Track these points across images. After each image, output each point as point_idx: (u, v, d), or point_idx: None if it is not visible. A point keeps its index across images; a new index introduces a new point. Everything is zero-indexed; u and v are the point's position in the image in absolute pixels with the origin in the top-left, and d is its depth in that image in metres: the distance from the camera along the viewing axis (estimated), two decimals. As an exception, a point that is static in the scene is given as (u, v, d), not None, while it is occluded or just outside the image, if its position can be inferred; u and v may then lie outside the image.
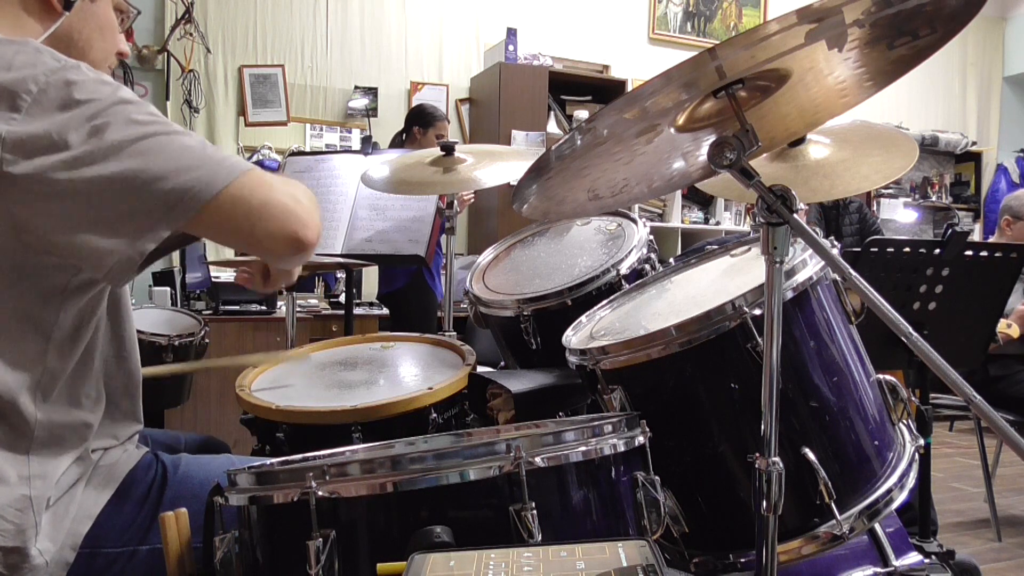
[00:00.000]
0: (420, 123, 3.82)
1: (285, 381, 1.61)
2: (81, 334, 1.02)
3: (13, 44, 0.93)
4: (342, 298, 3.76)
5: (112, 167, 0.89)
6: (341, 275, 3.82)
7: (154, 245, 0.93)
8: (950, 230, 2.21)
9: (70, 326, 1.00)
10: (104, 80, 0.94)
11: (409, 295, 3.64)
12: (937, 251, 2.08)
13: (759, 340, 1.09)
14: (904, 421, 1.27)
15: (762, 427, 1.00)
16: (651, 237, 1.72)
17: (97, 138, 0.89)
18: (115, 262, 0.92)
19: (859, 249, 2.08)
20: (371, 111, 4.95)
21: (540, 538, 0.85)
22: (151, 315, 2.69)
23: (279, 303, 4.00)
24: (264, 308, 3.94)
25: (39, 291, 0.96)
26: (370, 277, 4.37)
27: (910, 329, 0.90)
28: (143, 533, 1.06)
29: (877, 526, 1.39)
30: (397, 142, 4.01)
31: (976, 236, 6.59)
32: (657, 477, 1.01)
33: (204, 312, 3.72)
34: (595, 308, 1.50)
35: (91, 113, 0.90)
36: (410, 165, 2.05)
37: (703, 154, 1.05)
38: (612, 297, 1.53)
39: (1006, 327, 2.82)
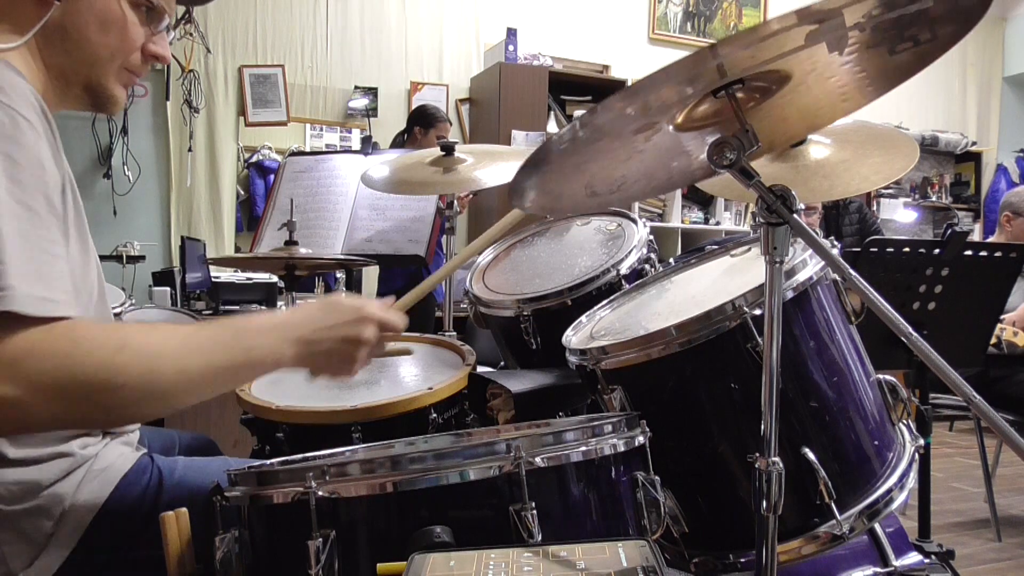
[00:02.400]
0: (422, 123, 3.82)
1: (286, 381, 1.60)
2: None
3: None
4: (342, 298, 3.75)
5: None
6: (341, 275, 3.82)
7: None
8: (950, 230, 2.21)
9: None
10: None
11: (409, 295, 3.63)
12: (937, 251, 2.08)
13: (759, 340, 1.09)
14: (904, 421, 1.28)
15: (762, 427, 1.01)
16: (651, 237, 1.72)
17: None
18: None
19: (859, 249, 2.08)
20: (371, 111, 4.95)
21: (540, 538, 0.85)
22: (151, 315, 2.69)
23: (279, 303, 4.00)
24: (264, 308, 3.94)
25: None
26: (370, 277, 4.37)
27: (910, 329, 0.90)
28: (137, 538, 1.05)
29: (877, 526, 1.39)
30: (398, 142, 4.01)
31: (976, 236, 6.59)
32: (657, 477, 1.01)
33: (204, 312, 3.72)
34: (595, 308, 1.50)
35: None
36: (410, 165, 2.05)
37: (703, 154, 1.05)
38: (612, 297, 1.53)
39: (1012, 335, 2.81)
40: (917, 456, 1.26)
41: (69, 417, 0.84)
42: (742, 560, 1.18)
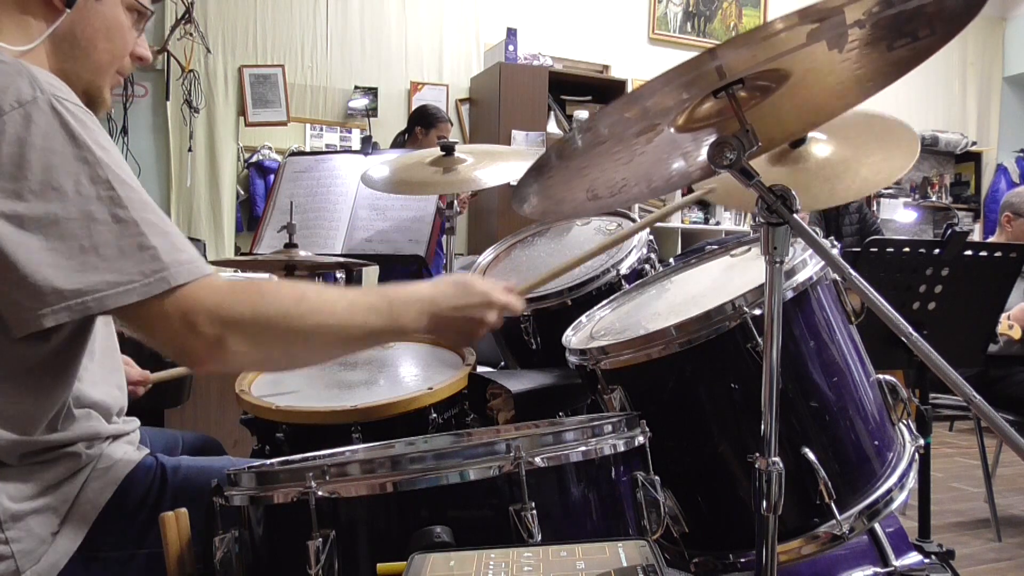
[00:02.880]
0: (423, 123, 3.82)
1: (286, 381, 1.61)
2: (62, 354, 0.99)
3: (3, 62, 0.90)
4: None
5: (35, 236, 0.85)
6: (341, 275, 3.82)
7: (52, 324, 0.87)
8: (950, 230, 2.21)
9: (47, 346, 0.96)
10: (65, 123, 0.89)
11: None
12: (937, 251, 2.08)
13: (759, 340, 1.09)
14: (904, 421, 1.28)
15: (762, 427, 1.01)
16: (651, 237, 1.72)
17: (33, 196, 0.85)
18: (13, 318, 0.87)
19: (859, 249, 2.08)
20: (371, 111, 4.95)
21: (540, 538, 0.85)
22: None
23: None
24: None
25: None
26: (370, 277, 4.36)
27: (910, 329, 0.90)
28: (142, 536, 1.05)
29: (877, 526, 1.39)
30: (399, 142, 4.01)
31: (976, 236, 6.59)
32: (657, 477, 1.01)
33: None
34: (595, 308, 1.50)
35: (42, 165, 0.86)
36: (410, 165, 2.05)
37: (703, 154, 1.05)
38: (612, 297, 1.53)
39: (1007, 327, 2.81)
40: (917, 456, 1.26)
41: (258, 356, 0.97)
42: (742, 560, 1.18)
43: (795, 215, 0.97)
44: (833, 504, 1.11)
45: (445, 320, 1.10)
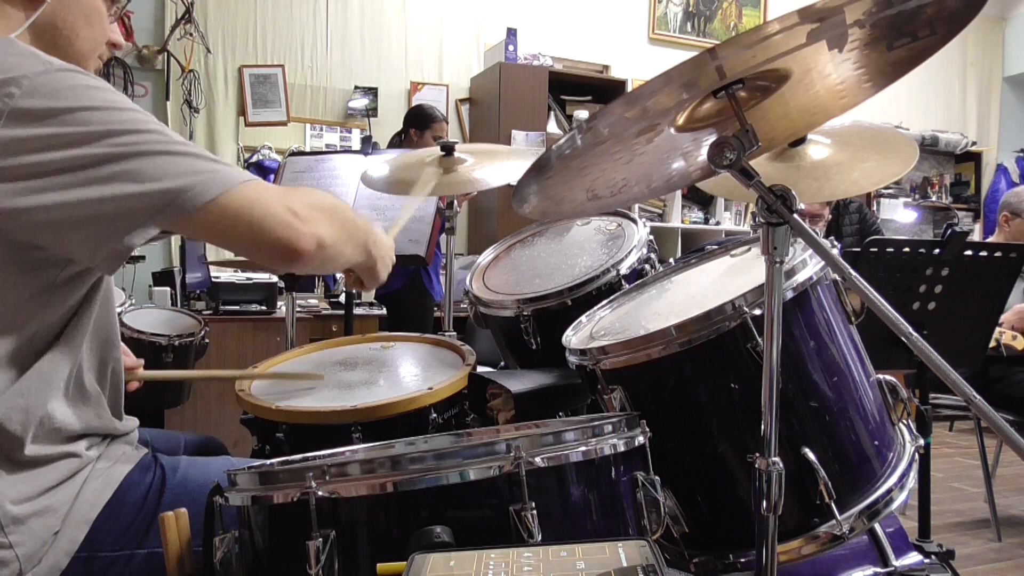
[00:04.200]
0: (417, 125, 3.80)
1: (286, 381, 1.60)
2: (66, 332, 1.01)
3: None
4: (342, 298, 3.76)
5: (104, 172, 0.89)
6: (341, 275, 3.81)
7: (142, 242, 0.93)
8: (950, 230, 2.21)
9: (55, 324, 0.99)
10: (95, 85, 0.92)
11: (406, 296, 3.63)
12: (937, 251, 2.08)
13: (759, 340, 1.09)
14: (904, 421, 1.28)
15: (762, 427, 1.01)
16: (651, 237, 1.72)
17: (90, 145, 0.88)
18: (103, 256, 0.92)
19: (859, 249, 2.08)
20: (371, 111, 4.95)
21: (540, 538, 0.85)
22: (151, 315, 2.69)
23: (279, 303, 4.00)
24: (264, 308, 3.94)
25: (23, 289, 0.95)
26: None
27: (910, 329, 0.90)
28: (141, 536, 1.05)
29: (877, 526, 1.39)
30: (395, 143, 4.00)
31: (976, 236, 6.59)
32: (657, 477, 1.01)
33: (204, 312, 3.71)
34: (595, 308, 1.50)
35: (81, 120, 0.89)
36: (410, 165, 2.05)
37: (703, 154, 1.05)
38: (612, 297, 1.52)
39: (1011, 338, 2.81)
40: (917, 456, 1.26)
41: (336, 237, 1.04)
42: (742, 560, 1.18)
43: (795, 215, 0.97)
44: (833, 504, 1.11)
45: (384, 260, 1.22)
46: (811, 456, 1.12)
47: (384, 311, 4.03)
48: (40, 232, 0.90)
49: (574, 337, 1.39)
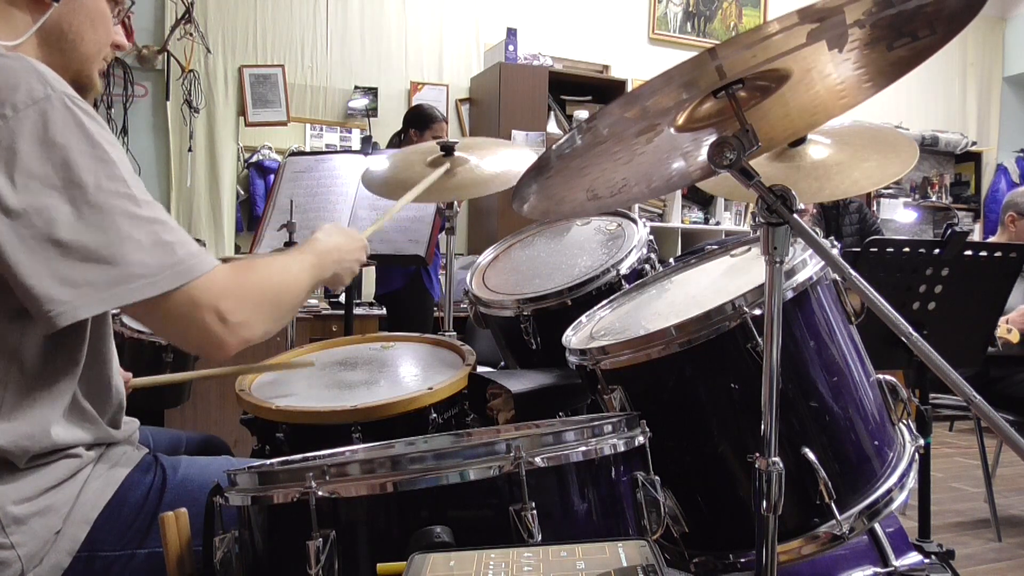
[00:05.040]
0: (416, 125, 3.79)
1: (286, 381, 1.61)
2: (59, 355, 1.00)
3: (6, 57, 0.91)
4: (342, 298, 3.76)
5: (64, 231, 0.88)
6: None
7: (87, 316, 0.91)
8: (950, 230, 2.21)
9: (45, 346, 0.97)
10: (80, 123, 0.91)
11: (406, 296, 3.63)
12: (937, 251, 2.08)
13: (759, 340, 1.09)
14: (904, 421, 1.27)
15: (762, 427, 1.00)
16: (651, 237, 1.72)
17: (56, 192, 0.88)
18: (47, 314, 0.90)
19: (859, 249, 2.08)
20: (371, 111, 4.95)
21: (540, 538, 0.85)
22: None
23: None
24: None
25: (3, 311, 0.93)
26: (370, 277, 4.37)
27: (910, 329, 0.90)
28: (142, 536, 1.05)
29: (877, 526, 1.39)
30: (394, 143, 3.99)
31: (976, 236, 6.59)
32: (657, 477, 1.01)
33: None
34: (595, 308, 1.50)
35: (62, 161, 0.89)
36: (410, 165, 2.04)
37: (703, 154, 1.05)
38: (612, 297, 1.52)
39: (1006, 331, 2.81)
40: (917, 456, 1.26)
41: (266, 327, 1.06)
42: (742, 560, 1.18)
43: (795, 215, 0.97)
44: (833, 504, 1.11)
45: (343, 265, 1.29)
46: (811, 456, 1.12)
47: (384, 311, 4.03)
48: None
49: (574, 337, 1.39)
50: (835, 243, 1.21)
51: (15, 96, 0.88)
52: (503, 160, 1.94)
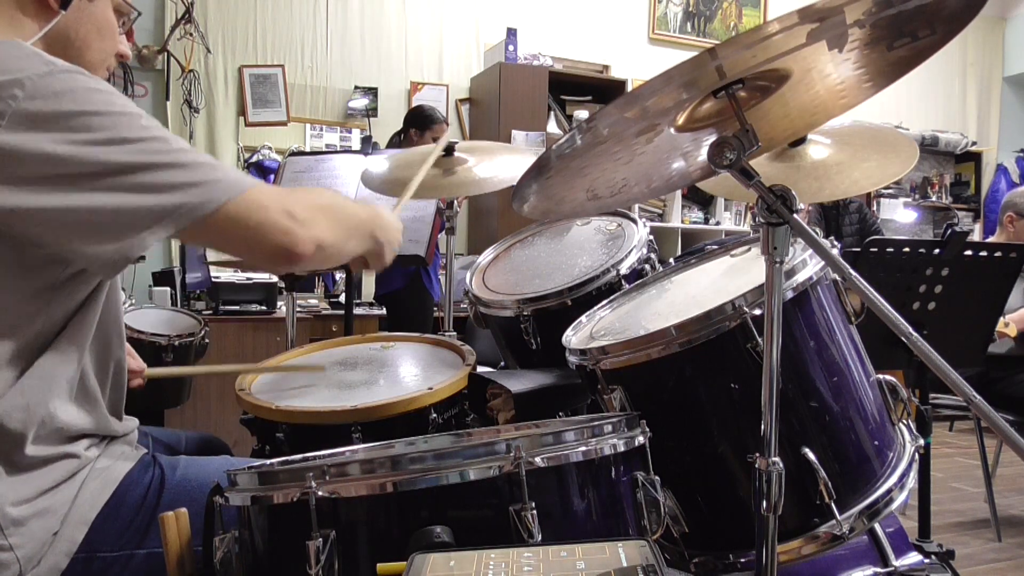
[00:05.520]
0: (417, 125, 3.80)
1: (286, 381, 1.61)
2: (69, 331, 1.01)
3: (2, 45, 0.92)
4: (342, 298, 3.76)
5: (107, 181, 0.89)
6: (341, 275, 3.82)
7: (143, 251, 0.93)
8: (950, 230, 2.21)
9: (57, 323, 0.99)
10: (98, 88, 0.92)
11: (406, 296, 3.63)
12: (937, 251, 2.08)
13: (759, 340, 1.09)
14: (904, 421, 1.27)
15: (762, 427, 1.00)
16: (651, 237, 1.72)
17: (93, 152, 0.89)
18: (101, 263, 0.93)
19: (859, 249, 2.08)
20: (371, 111, 4.95)
21: (540, 538, 0.85)
22: (151, 315, 2.69)
23: (279, 303, 4.00)
24: (264, 308, 3.94)
25: (26, 287, 0.95)
26: (370, 277, 4.36)
27: (910, 329, 0.90)
28: (140, 536, 1.05)
29: (877, 526, 1.39)
30: (394, 143, 4.00)
31: (976, 236, 6.59)
32: (657, 477, 1.01)
33: (204, 312, 3.72)
34: (595, 308, 1.50)
35: (84, 125, 0.89)
36: (410, 165, 2.04)
37: (703, 154, 1.05)
38: (612, 297, 1.52)
39: (1003, 325, 2.82)
40: (917, 456, 1.26)
41: (335, 236, 1.07)
42: (742, 560, 1.18)
43: (795, 215, 0.97)
44: (833, 504, 1.11)
45: (389, 235, 1.23)
46: (811, 456, 1.12)
47: (384, 311, 4.03)
48: (42, 233, 0.91)
49: (574, 337, 1.39)
50: (835, 243, 1.21)
51: (20, 75, 0.88)
52: (502, 165, 1.94)
